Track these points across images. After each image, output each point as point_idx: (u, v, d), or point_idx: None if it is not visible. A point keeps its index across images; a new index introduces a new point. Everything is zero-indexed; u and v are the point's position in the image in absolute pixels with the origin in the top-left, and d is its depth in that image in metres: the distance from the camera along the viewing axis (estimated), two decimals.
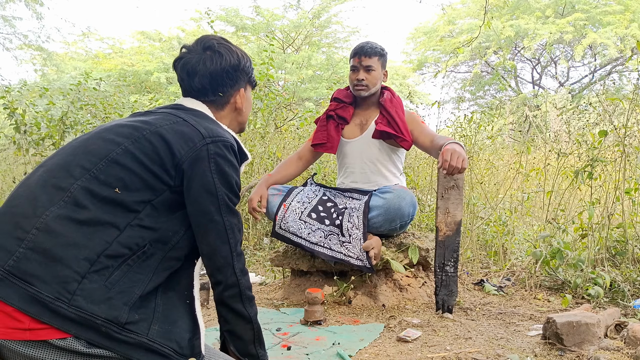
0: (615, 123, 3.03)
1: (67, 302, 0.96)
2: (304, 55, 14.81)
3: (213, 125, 1.22)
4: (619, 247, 2.90)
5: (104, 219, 1.05)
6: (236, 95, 1.34)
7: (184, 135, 1.15)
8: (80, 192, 1.05)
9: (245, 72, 1.35)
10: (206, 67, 1.27)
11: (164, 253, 1.12)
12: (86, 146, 1.13)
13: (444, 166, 2.02)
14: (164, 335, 1.05)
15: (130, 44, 18.07)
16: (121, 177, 1.08)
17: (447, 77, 17.56)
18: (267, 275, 3.22)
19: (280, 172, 2.59)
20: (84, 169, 1.08)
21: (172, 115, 1.20)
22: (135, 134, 1.14)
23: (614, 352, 1.70)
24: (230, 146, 1.19)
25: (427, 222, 3.69)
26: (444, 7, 8.83)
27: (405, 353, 1.79)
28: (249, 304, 1.21)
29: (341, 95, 2.59)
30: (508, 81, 17.01)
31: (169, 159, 1.12)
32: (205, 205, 1.14)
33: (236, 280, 1.17)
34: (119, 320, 1.00)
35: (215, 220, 1.15)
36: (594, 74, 15.89)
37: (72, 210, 1.04)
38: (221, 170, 1.16)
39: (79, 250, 1.01)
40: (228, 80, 1.31)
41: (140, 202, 1.09)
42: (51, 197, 1.05)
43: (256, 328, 1.23)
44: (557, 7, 14.55)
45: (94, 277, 1.00)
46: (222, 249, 1.16)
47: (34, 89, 6.56)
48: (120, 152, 1.11)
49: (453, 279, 2.23)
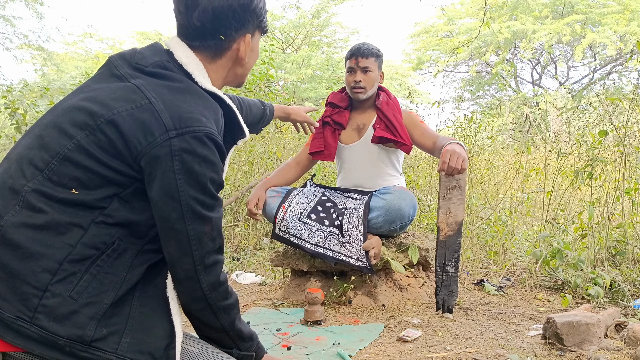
0: (615, 123, 3.03)
1: (28, 321, 0.89)
2: (304, 55, 14.83)
3: (189, 105, 1.00)
4: (619, 247, 2.90)
5: (64, 220, 0.93)
6: (240, 41, 1.12)
7: (143, 125, 0.95)
8: (32, 196, 0.94)
9: (256, 13, 1.11)
10: (210, 1, 1.05)
11: (140, 247, 1.01)
12: (42, 137, 0.99)
13: (443, 167, 2.01)
14: (136, 349, 0.96)
15: (130, 44, 18.07)
16: (76, 176, 0.95)
17: (447, 77, 17.58)
18: (267, 275, 3.22)
19: (278, 177, 2.59)
20: (37, 169, 0.96)
21: (139, 92, 0.99)
22: (89, 122, 0.96)
23: (614, 352, 1.70)
24: (205, 135, 0.98)
25: (427, 222, 3.70)
26: (443, 8, 8.82)
27: (405, 353, 1.79)
28: (223, 313, 1.08)
29: (336, 99, 2.56)
30: (508, 81, 17.02)
31: (127, 152, 0.96)
32: (165, 210, 0.97)
33: (202, 295, 1.03)
34: (84, 339, 0.91)
35: (175, 228, 0.98)
36: (594, 74, 15.90)
37: (27, 216, 0.93)
38: (188, 170, 0.96)
39: (36, 261, 0.91)
40: (234, 21, 1.08)
41: (104, 198, 0.96)
42: (6, 202, 0.95)
43: (233, 334, 1.12)
44: (555, 7, 14.55)
45: (58, 287, 0.91)
46: (183, 261, 1.01)
47: (34, 89, 6.56)
48: (72, 148, 0.96)
49: (454, 279, 2.24)
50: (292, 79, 14.03)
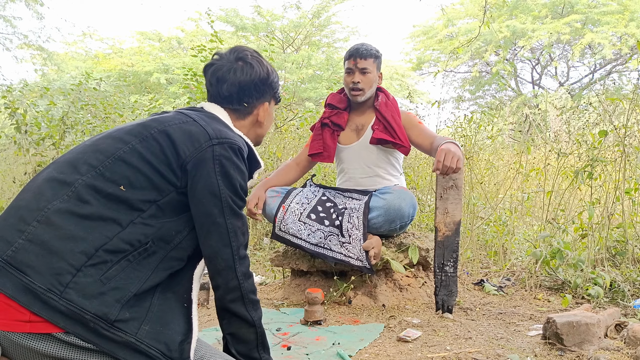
0: (615, 123, 3.03)
1: (58, 294, 0.96)
2: (304, 55, 14.82)
3: (223, 128, 1.22)
4: (619, 247, 2.90)
5: (107, 214, 1.05)
6: (260, 108, 1.37)
7: (191, 135, 1.15)
8: (84, 188, 1.06)
9: (272, 86, 1.37)
10: (236, 77, 1.30)
11: (166, 252, 1.11)
12: (96, 145, 1.14)
13: (438, 167, 2.01)
14: (153, 337, 1.04)
15: (130, 44, 18.08)
16: (127, 175, 1.09)
17: (447, 77, 17.59)
18: (267, 275, 3.22)
19: (278, 177, 2.59)
20: (91, 166, 1.09)
21: (184, 115, 1.21)
22: (143, 132, 1.15)
23: (614, 352, 1.70)
24: (237, 149, 1.19)
25: (427, 222, 3.70)
26: (443, 8, 8.83)
27: (405, 353, 1.79)
28: (252, 307, 1.19)
29: (334, 100, 2.56)
30: (508, 81, 17.02)
31: (174, 158, 1.13)
32: (209, 207, 1.14)
33: (238, 284, 1.16)
34: (108, 317, 0.99)
35: (217, 222, 1.14)
36: (594, 74, 15.90)
37: (74, 205, 1.04)
38: (225, 173, 1.15)
39: (76, 243, 1.01)
40: (255, 92, 1.33)
41: (145, 202, 1.09)
42: (55, 191, 1.06)
43: (260, 332, 1.22)
44: (555, 7, 14.55)
45: (90, 270, 1.00)
46: (224, 252, 1.15)
47: (34, 89, 6.56)
48: (127, 151, 1.12)
49: (453, 279, 2.24)
50: (293, 79, 14.01)
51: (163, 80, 14.41)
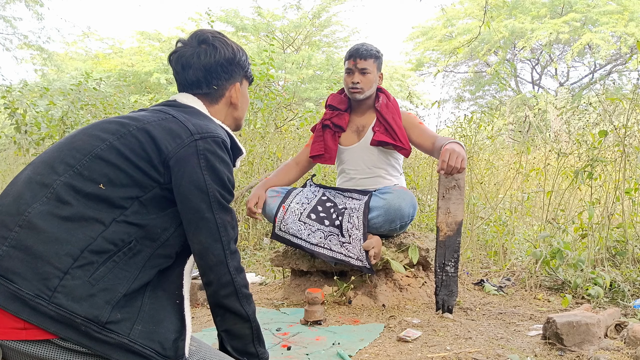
0: (615, 123, 3.03)
1: (47, 299, 0.95)
2: (304, 55, 14.83)
3: (204, 121, 1.19)
4: (619, 247, 2.90)
5: (88, 214, 1.03)
6: (231, 89, 1.32)
7: (171, 131, 1.13)
8: (63, 188, 1.04)
9: (240, 65, 1.33)
10: (200, 60, 1.26)
11: (152, 250, 1.09)
12: (71, 142, 1.11)
13: (442, 167, 2.01)
14: (146, 336, 1.02)
15: (130, 44, 18.08)
16: (105, 172, 1.06)
17: (447, 77, 17.59)
18: (267, 275, 3.22)
19: (278, 177, 2.59)
20: (68, 165, 1.07)
21: (162, 113, 1.18)
22: (121, 130, 1.12)
23: (614, 352, 1.70)
24: (221, 142, 1.16)
25: (427, 222, 3.70)
26: (443, 8, 8.82)
27: (405, 353, 1.79)
28: (246, 302, 1.17)
29: (335, 101, 2.56)
30: (507, 81, 17.01)
31: (155, 155, 1.10)
32: (196, 202, 1.11)
33: (230, 279, 1.14)
34: (99, 320, 0.97)
35: (206, 217, 1.11)
36: (594, 74, 15.90)
37: (54, 206, 1.02)
38: (212, 167, 1.13)
39: (60, 245, 0.99)
40: (223, 74, 1.29)
41: (126, 198, 1.06)
42: (34, 193, 1.03)
43: (255, 326, 1.21)
44: (554, 6, 14.56)
45: (78, 272, 0.98)
46: (214, 247, 1.12)
47: (34, 89, 6.56)
48: (104, 148, 1.09)
49: (453, 279, 2.24)
50: (293, 79, 14.02)
51: (163, 80, 14.41)
